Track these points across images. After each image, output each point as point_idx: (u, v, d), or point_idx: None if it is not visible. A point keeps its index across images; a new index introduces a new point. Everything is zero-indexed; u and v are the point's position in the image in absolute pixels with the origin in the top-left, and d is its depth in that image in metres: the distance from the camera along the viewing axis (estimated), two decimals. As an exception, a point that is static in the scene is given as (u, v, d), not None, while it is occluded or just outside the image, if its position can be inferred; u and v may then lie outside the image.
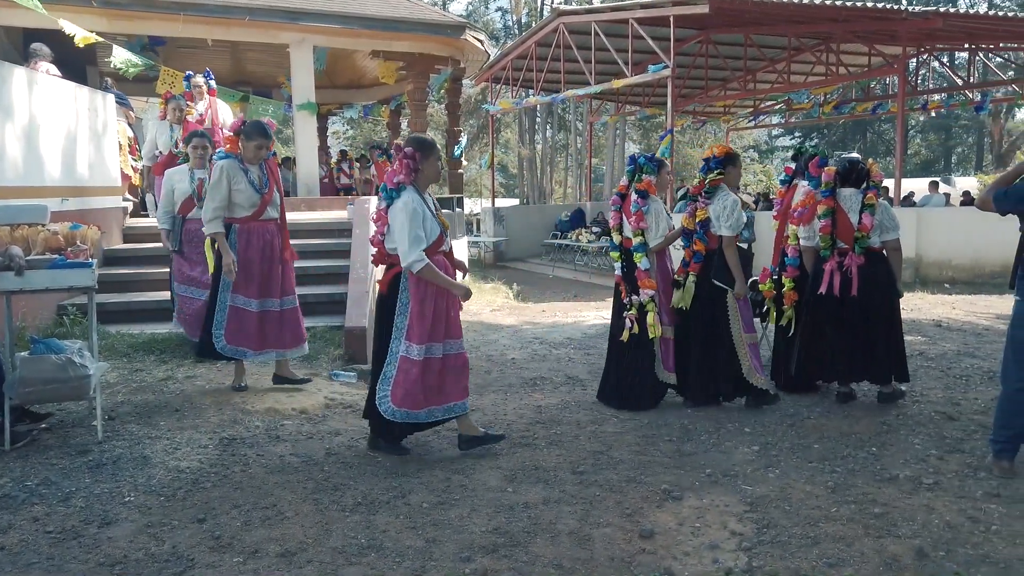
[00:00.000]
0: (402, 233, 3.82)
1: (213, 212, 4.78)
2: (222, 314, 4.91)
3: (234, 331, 4.92)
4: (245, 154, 4.87)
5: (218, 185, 4.76)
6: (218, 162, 4.81)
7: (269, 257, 4.99)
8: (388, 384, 3.94)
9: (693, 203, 4.96)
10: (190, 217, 5.68)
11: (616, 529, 3.19)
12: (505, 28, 38.04)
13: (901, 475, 3.78)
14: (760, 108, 21.50)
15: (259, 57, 13.45)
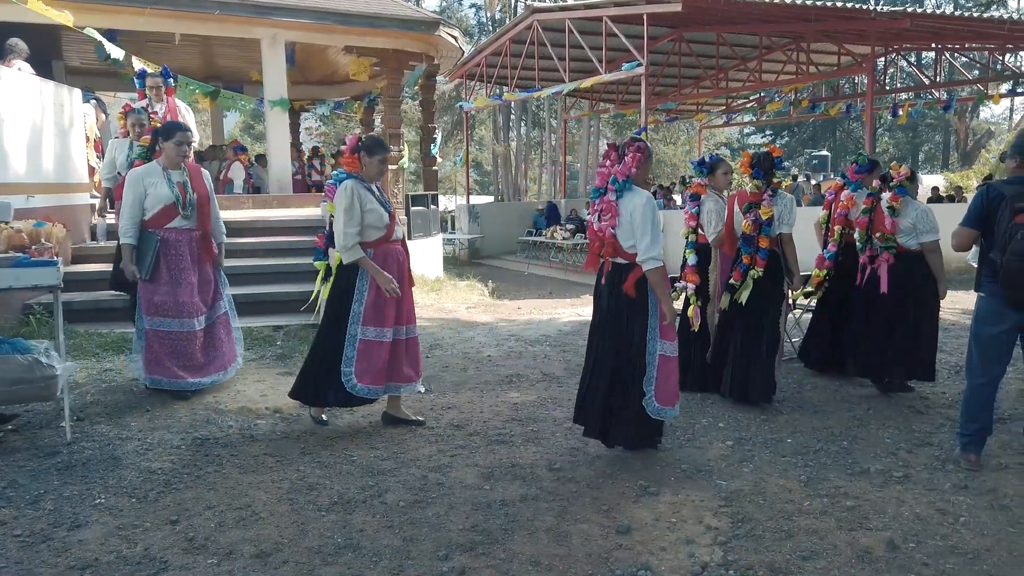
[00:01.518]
0: (646, 229, 3.75)
1: (352, 238, 4.19)
2: (352, 349, 4.28)
3: (364, 369, 4.30)
4: (368, 171, 4.35)
5: (351, 208, 4.19)
6: (344, 183, 4.28)
7: (400, 280, 4.43)
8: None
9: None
10: (171, 227, 4.85)
11: (593, 525, 3.21)
12: (479, 25, 37.94)
13: (872, 468, 3.85)
14: (732, 106, 21.70)
15: (230, 52, 13.27)
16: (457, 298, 10.24)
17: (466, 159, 20.40)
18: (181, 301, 4.83)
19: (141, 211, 4.75)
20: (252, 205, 10.21)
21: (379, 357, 4.30)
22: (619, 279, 3.86)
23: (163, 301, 4.79)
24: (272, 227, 8.85)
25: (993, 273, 3.58)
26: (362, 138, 4.46)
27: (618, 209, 3.80)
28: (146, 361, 4.81)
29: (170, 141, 4.78)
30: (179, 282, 4.85)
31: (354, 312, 4.26)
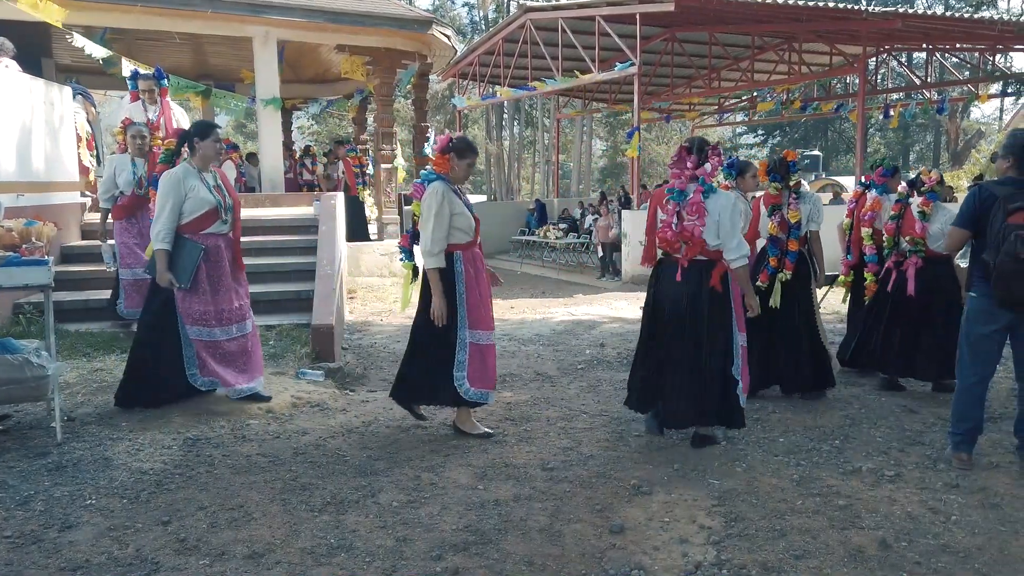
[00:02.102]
0: (734, 229, 3.96)
1: (440, 243, 4.11)
2: (464, 354, 4.19)
3: (478, 374, 4.24)
4: (457, 174, 4.26)
5: (441, 212, 4.08)
6: (433, 184, 4.19)
7: (482, 283, 4.38)
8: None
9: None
10: (210, 232, 4.59)
11: (587, 525, 3.21)
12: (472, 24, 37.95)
13: (864, 467, 3.86)
14: (724, 106, 21.75)
15: (222, 50, 13.22)
16: (450, 297, 10.22)
17: (459, 158, 20.35)
18: (222, 308, 4.62)
19: (179, 216, 4.46)
20: (244, 204, 10.16)
21: (482, 361, 4.25)
22: (700, 276, 4.02)
23: (205, 311, 4.54)
24: (264, 226, 8.81)
25: (984, 273, 3.59)
26: (453, 139, 4.32)
27: (707, 210, 3.94)
28: (199, 367, 4.58)
29: (208, 139, 4.52)
30: (218, 289, 4.59)
31: (460, 316, 4.19)
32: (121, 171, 6.26)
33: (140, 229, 6.18)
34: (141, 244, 6.09)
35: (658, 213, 4.16)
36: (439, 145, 4.27)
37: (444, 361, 4.19)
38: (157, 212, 4.42)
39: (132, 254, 6.19)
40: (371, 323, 8.27)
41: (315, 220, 8.23)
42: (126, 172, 6.14)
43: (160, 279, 4.42)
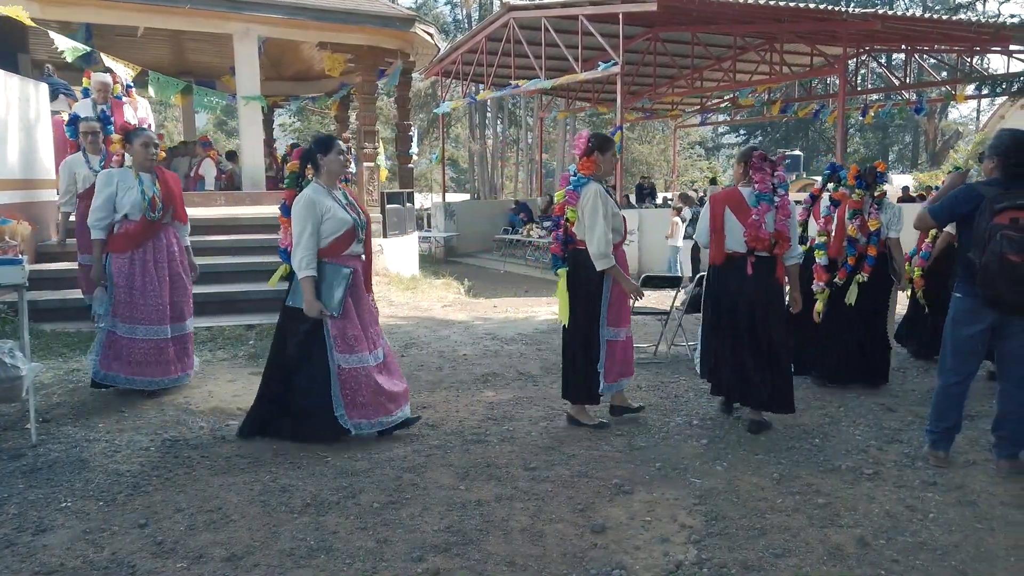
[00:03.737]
0: (795, 230, 4.61)
1: (609, 244, 4.22)
2: (602, 351, 4.41)
3: (614, 368, 4.47)
4: (604, 170, 4.33)
5: (606, 213, 4.19)
6: (590, 187, 4.22)
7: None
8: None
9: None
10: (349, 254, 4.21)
11: (568, 524, 3.20)
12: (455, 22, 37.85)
13: (843, 466, 3.89)
14: (706, 106, 21.86)
15: (202, 47, 13.11)
16: (433, 296, 10.20)
17: (442, 157, 20.35)
18: (369, 332, 4.25)
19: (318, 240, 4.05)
20: (225, 202, 10.09)
21: (620, 355, 4.47)
22: (768, 270, 4.45)
23: (356, 335, 4.15)
24: (245, 225, 8.75)
25: (969, 273, 3.62)
26: (591, 138, 4.37)
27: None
28: (351, 405, 4.14)
29: (331, 153, 4.14)
30: (361, 313, 4.23)
31: (603, 313, 4.37)
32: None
33: (154, 255, 4.88)
34: (152, 283, 4.83)
35: (727, 215, 4.46)
36: (580, 149, 4.36)
37: (592, 360, 4.42)
38: (296, 239, 3.99)
39: (136, 302, 4.78)
40: (353, 322, 8.22)
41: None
42: (133, 191, 4.75)
43: (310, 310, 3.97)
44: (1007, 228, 3.40)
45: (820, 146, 39.71)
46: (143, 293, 4.77)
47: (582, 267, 4.35)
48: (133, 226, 4.74)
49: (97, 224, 4.69)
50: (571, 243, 4.46)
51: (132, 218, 4.73)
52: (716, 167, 38.97)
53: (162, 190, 4.82)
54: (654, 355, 6.57)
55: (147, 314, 4.78)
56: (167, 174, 4.99)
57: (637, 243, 13.00)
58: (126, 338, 4.74)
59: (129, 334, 4.75)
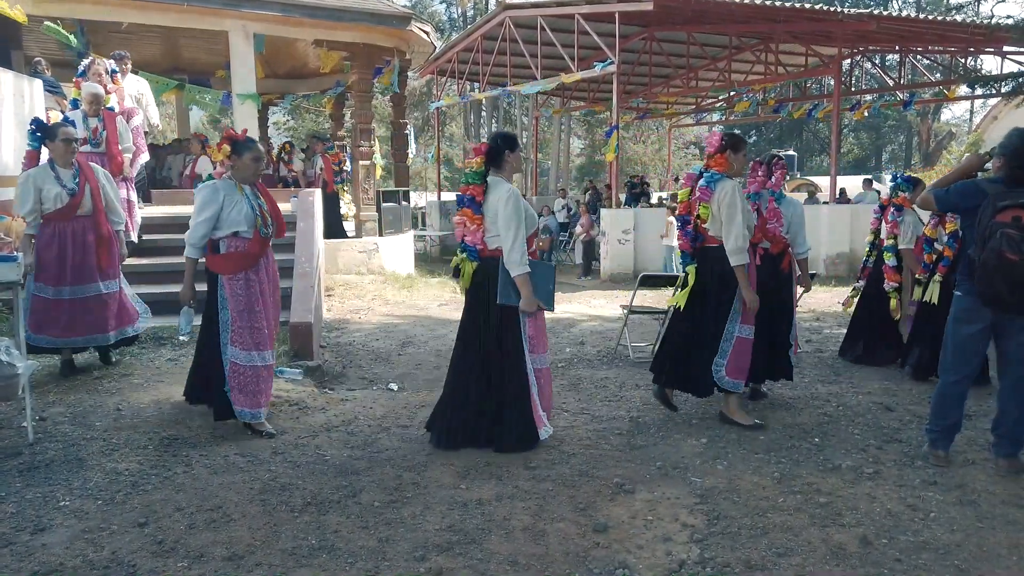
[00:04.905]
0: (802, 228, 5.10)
1: (746, 239, 4.28)
2: (728, 344, 4.42)
3: (735, 365, 4.46)
4: (736, 168, 4.40)
5: (744, 209, 4.29)
6: (726, 183, 4.27)
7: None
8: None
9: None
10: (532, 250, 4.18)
11: (570, 524, 3.19)
12: (450, 20, 37.81)
13: (843, 465, 3.89)
14: (701, 105, 21.88)
15: (196, 44, 13.03)
16: (429, 295, 10.18)
17: (437, 155, 20.32)
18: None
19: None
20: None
21: (748, 355, 4.50)
22: (775, 265, 4.88)
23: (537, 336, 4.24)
24: (240, 223, 8.71)
25: (970, 271, 3.62)
26: (725, 136, 4.40)
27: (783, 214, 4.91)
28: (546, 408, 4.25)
29: (516, 151, 4.16)
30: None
31: (735, 309, 4.41)
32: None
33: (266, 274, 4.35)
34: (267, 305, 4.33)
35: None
36: (713, 147, 4.43)
37: (712, 351, 4.46)
38: (512, 238, 3.91)
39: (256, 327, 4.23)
40: (349, 321, 8.20)
41: (292, 217, 8.13)
42: (242, 205, 4.15)
43: (529, 305, 3.97)
44: (1008, 226, 3.40)
45: (814, 146, 39.83)
46: (264, 316, 4.26)
47: (714, 264, 4.41)
48: (247, 244, 4.18)
49: (198, 242, 4.14)
50: (701, 241, 4.50)
51: (244, 235, 4.17)
52: (710, 167, 38.99)
53: (267, 203, 4.33)
54: (651, 354, 6.56)
55: (263, 339, 4.24)
56: (262, 185, 4.45)
57: (633, 242, 13.01)
58: (247, 367, 4.18)
59: (248, 362, 4.18)
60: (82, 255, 5.06)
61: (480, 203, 4.05)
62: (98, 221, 5.11)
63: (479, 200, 4.05)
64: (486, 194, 4.05)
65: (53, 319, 5.00)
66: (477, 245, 4.05)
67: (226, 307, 4.17)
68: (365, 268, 10.91)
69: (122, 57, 7.92)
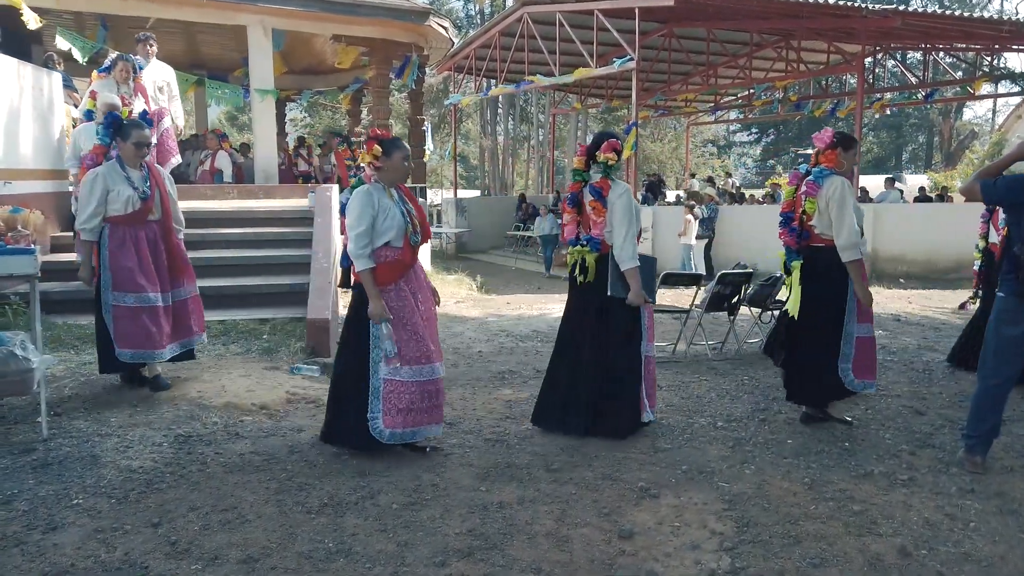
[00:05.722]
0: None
1: (858, 236, 4.19)
2: (849, 347, 4.34)
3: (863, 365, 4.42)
4: (845, 166, 4.31)
5: (855, 205, 4.21)
6: (836, 178, 4.21)
7: None
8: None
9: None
10: None
11: (594, 529, 3.09)
12: (467, 17, 37.73)
13: (876, 471, 3.76)
14: (720, 103, 21.66)
15: (215, 40, 13.04)
16: (445, 292, 10.10)
17: (453, 153, 20.25)
18: None
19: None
20: (238, 195, 10.01)
21: (872, 352, 4.42)
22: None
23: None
24: (258, 218, 8.66)
25: (1015, 269, 3.48)
26: (836, 134, 4.32)
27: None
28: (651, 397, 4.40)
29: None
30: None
31: (850, 308, 4.28)
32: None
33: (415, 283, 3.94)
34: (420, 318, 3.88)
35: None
36: (824, 143, 4.30)
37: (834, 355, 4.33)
38: (625, 233, 4.09)
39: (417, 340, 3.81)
40: (366, 318, 8.12)
41: (310, 212, 8.08)
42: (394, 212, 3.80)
43: (637, 298, 4.13)
44: None
45: (833, 145, 39.37)
46: (421, 327, 3.87)
47: (821, 262, 4.30)
48: (398, 253, 3.80)
49: (364, 252, 3.68)
50: (807, 238, 4.39)
51: (395, 244, 3.78)
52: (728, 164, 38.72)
53: (414, 207, 3.95)
54: (672, 354, 6.45)
55: (426, 352, 3.85)
56: (405, 188, 4.07)
57: (651, 241, 12.87)
58: (412, 383, 3.77)
59: (415, 377, 3.79)
60: (159, 261, 4.71)
61: (606, 197, 4.17)
62: (167, 227, 4.79)
63: (606, 194, 4.18)
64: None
65: (139, 329, 4.56)
66: (600, 238, 4.19)
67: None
68: (381, 265, 10.84)
69: (147, 38, 7.77)
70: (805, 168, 4.50)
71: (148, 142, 4.75)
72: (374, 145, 3.82)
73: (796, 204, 4.43)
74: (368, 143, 3.85)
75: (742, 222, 14.12)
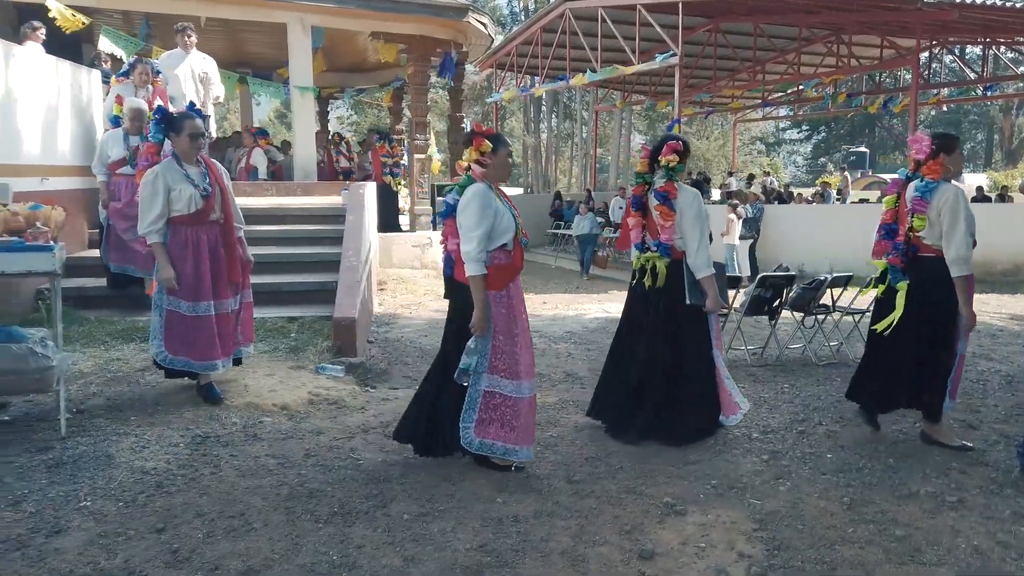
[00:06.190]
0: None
1: (969, 248, 3.92)
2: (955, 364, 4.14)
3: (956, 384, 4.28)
4: (952, 171, 4.06)
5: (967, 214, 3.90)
6: (949, 186, 3.94)
7: None
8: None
9: None
10: None
11: (613, 548, 2.92)
12: (511, 15, 37.62)
13: (922, 491, 3.50)
14: (768, 99, 21.13)
15: (258, 38, 13.11)
16: (480, 292, 9.99)
17: (495, 150, 20.12)
18: None
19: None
20: (276, 192, 10.03)
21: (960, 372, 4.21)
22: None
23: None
24: (294, 215, 8.65)
25: None
26: (935, 138, 4.07)
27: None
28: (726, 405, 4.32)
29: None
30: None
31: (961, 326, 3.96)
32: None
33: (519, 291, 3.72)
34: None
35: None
36: (924, 153, 4.02)
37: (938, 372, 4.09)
38: (699, 240, 4.06)
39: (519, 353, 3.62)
40: (399, 316, 8.06)
41: (343, 210, 8.03)
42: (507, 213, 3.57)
43: (715, 305, 4.15)
44: None
45: (888, 143, 38.28)
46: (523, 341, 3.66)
47: (930, 275, 3.97)
48: (510, 256, 3.59)
49: (482, 256, 3.44)
50: (915, 252, 4.07)
51: (509, 247, 3.57)
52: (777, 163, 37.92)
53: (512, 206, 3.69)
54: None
55: (529, 365, 3.68)
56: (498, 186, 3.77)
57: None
58: (513, 397, 3.57)
59: (516, 392, 3.57)
60: (217, 265, 4.43)
61: (673, 200, 4.11)
62: (229, 228, 4.51)
63: (673, 198, 4.11)
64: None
65: (192, 338, 4.36)
66: (670, 243, 4.13)
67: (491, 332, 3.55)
68: (418, 263, 10.79)
69: (184, 29, 7.79)
70: (905, 173, 4.13)
71: (202, 132, 4.46)
72: (482, 141, 3.55)
73: (900, 216, 4.08)
74: (475, 139, 3.58)
75: (789, 222, 13.72)
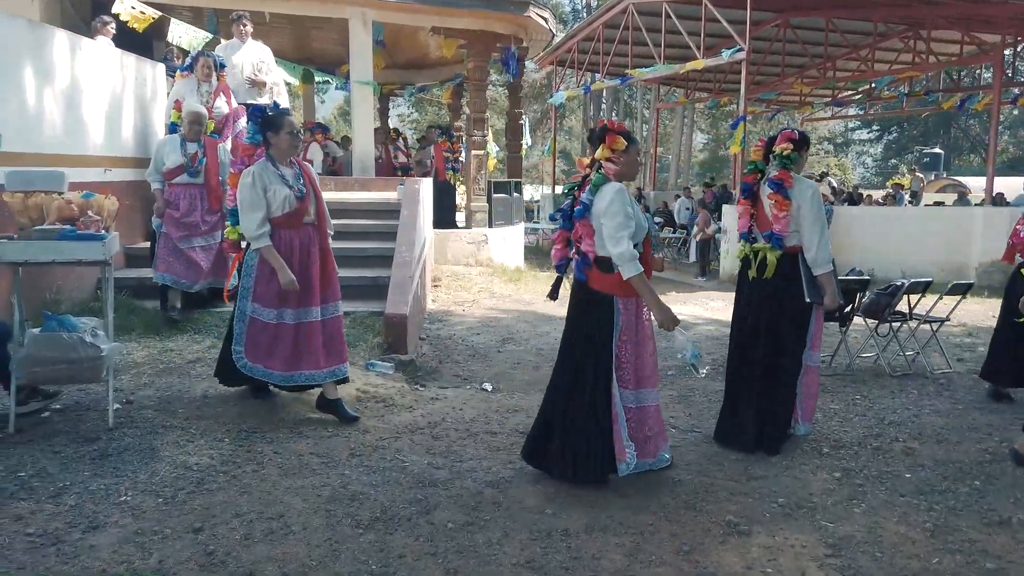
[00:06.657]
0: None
1: None
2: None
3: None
4: None
5: None
6: None
7: None
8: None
9: None
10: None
11: (670, 569, 2.71)
12: (573, 12, 37.33)
13: (1014, 518, 3.19)
14: (838, 97, 20.35)
15: (322, 35, 13.21)
16: (537, 290, 9.78)
17: (553, 148, 19.94)
18: None
19: None
20: (334, 187, 10.04)
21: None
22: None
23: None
24: (352, 210, 8.62)
25: None
26: None
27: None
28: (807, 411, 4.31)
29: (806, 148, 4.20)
30: None
31: None
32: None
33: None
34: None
35: None
36: None
37: None
38: (819, 235, 3.94)
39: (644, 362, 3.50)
40: (453, 313, 7.94)
41: (397, 205, 7.95)
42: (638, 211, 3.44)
43: (833, 303, 4.01)
44: None
45: (964, 144, 36.67)
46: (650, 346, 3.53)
47: None
48: (641, 257, 3.37)
49: (635, 255, 3.27)
50: None
51: (641, 248, 3.39)
52: (845, 163, 36.72)
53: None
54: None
55: (653, 372, 3.54)
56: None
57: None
58: (633, 408, 3.43)
59: (636, 402, 3.44)
60: (308, 271, 4.17)
61: (788, 189, 3.95)
62: (323, 231, 4.28)
63: (788, 186, 3.95)
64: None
65: (273, 349, 4.13)
66: (783, 235, 3.96)
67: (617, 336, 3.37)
68: (473, 259, 10.67)
69: (239, 18, 7.77)
70: None
71: (299, 130, 4.28)
72: (616, 138, 3.36)
73: None
74: (608, 136, 3.38)
75: (859, 224, 13.15)
